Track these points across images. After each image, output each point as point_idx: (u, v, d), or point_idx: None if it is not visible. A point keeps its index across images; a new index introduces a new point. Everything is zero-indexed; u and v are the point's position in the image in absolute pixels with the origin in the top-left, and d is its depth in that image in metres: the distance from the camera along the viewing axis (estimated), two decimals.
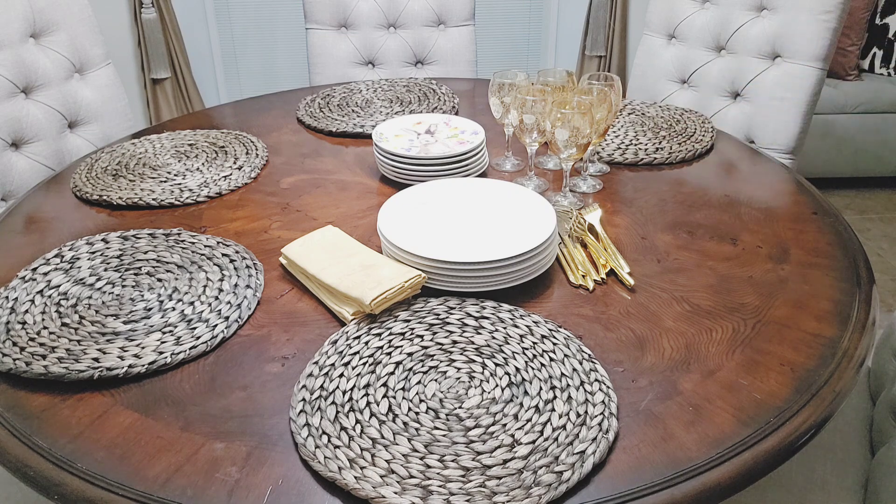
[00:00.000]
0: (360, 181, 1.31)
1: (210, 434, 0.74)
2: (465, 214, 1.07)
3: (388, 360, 0.82)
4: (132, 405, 0.78)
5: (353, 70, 2.10)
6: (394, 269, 0.93)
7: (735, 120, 1.81)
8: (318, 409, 0.75)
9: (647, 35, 1.97)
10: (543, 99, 1.14)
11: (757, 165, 1.35)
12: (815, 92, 1.70)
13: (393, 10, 2.06)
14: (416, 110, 1.60)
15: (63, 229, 1.16)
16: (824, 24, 1.64)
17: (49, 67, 1.59)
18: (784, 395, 0.78)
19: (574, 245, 1.06)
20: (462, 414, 0.75)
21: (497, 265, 0.92)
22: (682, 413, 0.76)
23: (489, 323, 0.88)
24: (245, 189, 1.29)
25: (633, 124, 1.51)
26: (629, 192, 1.24)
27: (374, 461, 0.69)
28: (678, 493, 0.67)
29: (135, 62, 3.01)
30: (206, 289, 0.96)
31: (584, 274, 1.00)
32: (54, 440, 0.74)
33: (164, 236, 1.09)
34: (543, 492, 0.66)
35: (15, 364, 0.82)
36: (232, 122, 1.61)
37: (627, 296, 0.96)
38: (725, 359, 0.84)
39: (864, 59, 2.96)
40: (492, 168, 1.35)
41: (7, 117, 1.50)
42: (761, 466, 0.71)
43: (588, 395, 0.77)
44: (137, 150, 1.42)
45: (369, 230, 1.13)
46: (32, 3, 1.56)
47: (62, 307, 0.93)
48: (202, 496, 0.67)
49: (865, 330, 0.89)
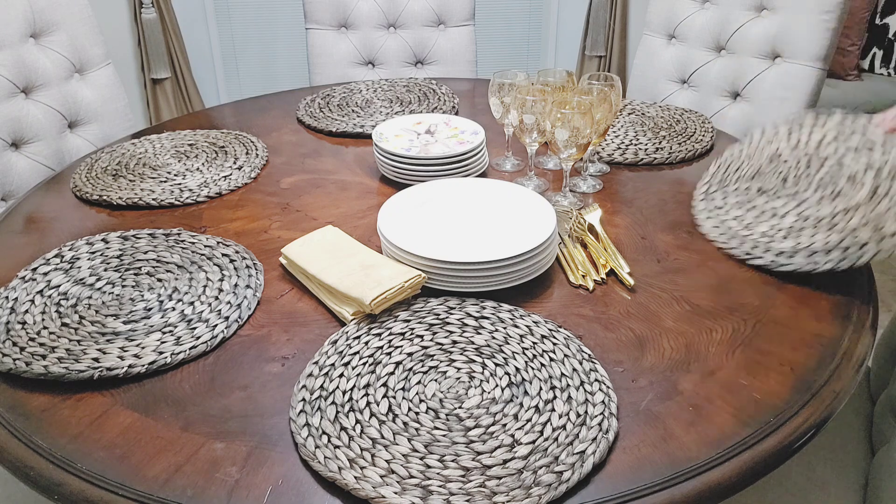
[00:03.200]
0: (360, 181, 1.31)
1: (210, 434, 0.74)
2: (465, 214, 1.07)
3: (388, 360, 0.82)
4: (132, 405, 0.78)
5: (353, 70, 2.10)
6: (394, 269, 0.93)
7: (735, 120, 1.81)
8: (318, 409, 0.75)
9: (647, 35, 1.97)
10: (543, 99, 1.14)
11: None
12: (815, 92, 1.70)
13: (393, 10, 2.06)
14: (416, 110, 1.60)
15: (63, 229, 1.16)
16: (824, 24, 1.64)
17: (49, 67, 1.59)
18: (784, 395, 0.78)
19: (574, 245, 1.07)
20: (462, 414, 0.75)
21: (497, 265, 0.92)
22: (682, 413, 0.76)
23: (489, 323, 0.88)
24: (245, 189, 1.29)
25: (633, 124, 1.51)
26: (629, 192, 1.24)
27: (374, 461, 0.69)
28: (678, 493, 0.67)
29: (135, 62, 3.01)
30: (206, 289, 0.96)
31: (585, 274, 1.00)
32: (54, 440, 0.74)
33: (164, 236, 1.09)
34: (543, 492, 0.66)
35: (15, 364, 0.82)
36: (232, 122, 1.61)
37: (627, 296, 0.96)
38: (725, 359, 0.84)
39: (864, 59, 2.96)
40: (492, 168, 1.35)
41: (7, 117, 1.50)
42: (761, 466, 0.71)
43: (588, 395, 0.77)
44: (137, 150, 1.42)
45: (369, 230, 1.13)
46: (32, 3, 1.56)
47: (62, 307, 0.93)
48: (202, 496, 0.67)
49: (865, 330, 0.89)
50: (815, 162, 1.00)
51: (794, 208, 0.97)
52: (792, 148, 1.04)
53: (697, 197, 1.09)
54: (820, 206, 0.94)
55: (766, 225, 0.98)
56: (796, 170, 1.01)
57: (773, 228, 0.97)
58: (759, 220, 0.99)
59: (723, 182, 1.08)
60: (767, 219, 0.99)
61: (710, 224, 1.04)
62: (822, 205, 0.94)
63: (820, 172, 0.98)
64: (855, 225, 0.88)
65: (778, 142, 1.08)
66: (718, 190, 1.07)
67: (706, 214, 1.06)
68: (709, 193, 1.07)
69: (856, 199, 0.91)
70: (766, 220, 0.98)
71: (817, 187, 0.97)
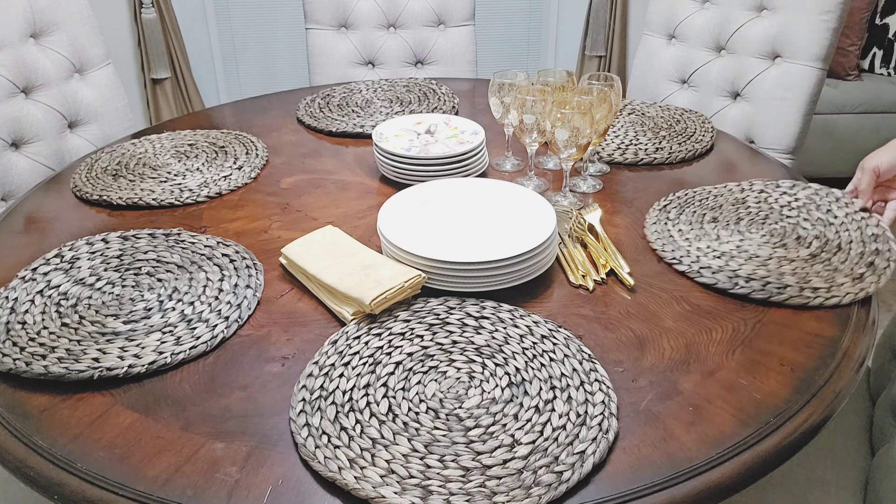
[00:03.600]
0: (360, 181, 1.31)
1: (210, 434, 0.74)
2: (465, 214, 1.07)
3: (388, 360, 0.82)
4: (132, 405, 0.78)
5: (353, 70, 2.10)
6: (394, 269, 0.93)
7: (735, 120, 1.81)
8: (318, 409, 0.75)
9: (647, 35, 1.97)
10: (543, 99, 1.14)
11: (757, 165, 1.35)
12: (815, 92, 1.70)
13: (393, 10, 2.06)
14: (416, 110, 1.60)
15: (63, 229, 1.16)
16: (824, 24, 1.65)
17: (49, 67, 1.59)
18: (784, 395, 0.78)
19: (574, 245, 1.07)
20: (462, 414, 0.75)
21: (497, 265, 0.92)
22: (682, 413, 0.76)
23: (489, 323, 0.88)
24: (245, 189, 1.29)
25: (633, 124, 1.51)
26: (629, 192, 1.24)
27: (374, 461, 0.69)
28: (678, 493, 0.67)
29: (135, 62, 3.01)
30: (206, 289, 0.96)
31: (584, 274, 1.00)
32: (54, 440, 0.74)
33: (164, 236, 1.09)
34: (543, 492, 0.66)
35: (15, 364, 0.82)
36: (232, 122, 1.61)
37: (627, 296, 0.96)
38: (725, 359, 0.84)
39: (864, 59, 2.96)
40: (492, 168, 1.35)
41: (7, 117, 1.50)
42: (761, 466, 0.71)
43: (588, 395, 0.77)
44: (137, 150, 1.42)
45: (369, 230, 1.13)
46: (32, 3, 1.56)
47: (62, 307, 0.93)
48: (202, 496, 0.67)
49: (865, 330, 0.89)
50: (773, 216, 1.09)
51: (736, 240, 1.04)
52: (758, 201, 1.14)
53: (656, 206, 1.15)
54: (761, 247, 1.02)
55: (704, 243, 1.04)
56: (754, 217, 1.10)
57: (710, 248, 1.03)
58: (699, 238, 1.06)
59: (683, 205, 1.15)
60: (709, 241, 1.05)
61: (654, 228, 1.10)
62: (763, 247, 1.02)
63: (774, 225, 1.07)
64: (785, 272, 0.96)
65: (748, 193, 1.17)
66: (676, 207, 1.14)
67: (654, 219, 1.12)
68: (666, 208, 1.15)
69: (797, 254, 1.00)
70: (707, 241, 1.05)
71: (766, 234, 1.05)
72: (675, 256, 1.02)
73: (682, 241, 1.05)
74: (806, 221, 1.08)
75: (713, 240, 1.05)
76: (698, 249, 1.03)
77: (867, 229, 1.05)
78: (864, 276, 0.95)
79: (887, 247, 1.01)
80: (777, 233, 1.06)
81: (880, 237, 1.03)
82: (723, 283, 0.95)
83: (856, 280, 0.95)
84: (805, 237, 1.04)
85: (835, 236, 1.04)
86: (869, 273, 0.96)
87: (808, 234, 1.05)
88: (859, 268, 0.97)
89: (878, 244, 1.02)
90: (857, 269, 0.97)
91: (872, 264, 0.98)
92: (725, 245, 1.03)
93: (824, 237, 1.04)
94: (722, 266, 0.98)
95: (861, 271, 0.96)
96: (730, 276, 0.96)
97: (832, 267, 0.97)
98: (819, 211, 1.10)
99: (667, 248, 1.04)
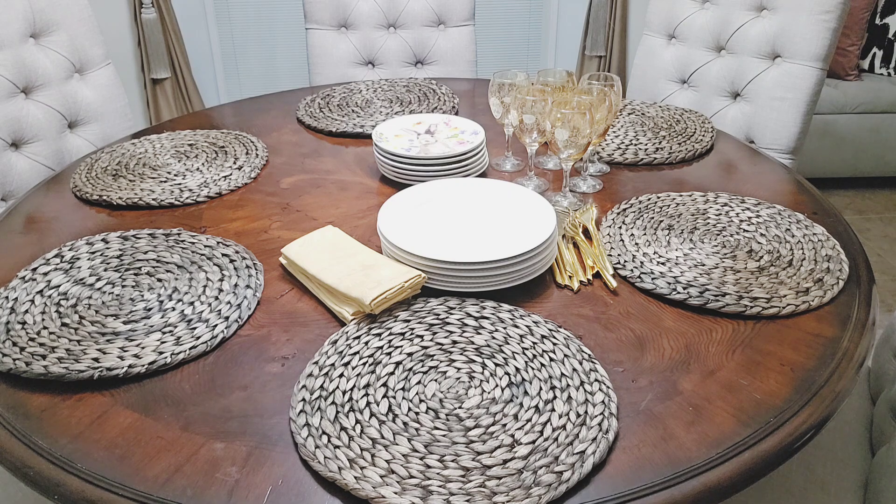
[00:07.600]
0: (360, 181, 1.31)
1: (210, 434, 0.74)
2: (465, 214, 1.07)
3: (387, 361, 0.82)
4: (132, 405, 0.78)
5: (353, 70, 2.10)
6: (394, 270, 0.93)
7: (735, 120, 1.81)
8: (318, 409, 0.75)
9: (647, 35, 1.97)
10: (543, 99, 1.14)
11: (757, 165, 1.35)
12: (815, 92, 1.70)
13: (393, 10, 2.06)
14: (416, 110, 1.60)
15: (63, 229, 1.16)
16: (824, 24, 1.65)
17: (49, 67, 1.59)
18: (784, 395, 0.78)
19: (566, 245, 1.07)
20: (462, 414, 0.75)
21: (497, 265, 0.92)
22: (682, 413, 0.76)
23: (489, 323, 0.88)
24: (245, 189, 1.29)
25: (633, 124, 1.51)
26: (629, 192, 1.24)
27: (374, 461, 0.69)
28: (678, 494, 0.67)
29: (135, 62, 3.01)
30: (206, 289, 0.96)
31: (571, 275, 0.99)
32: (54, 440, 0.74)
33: (164, 236, 1.09)
34: (543, 492, 0.66)
35: (15, 364, 0.82)
36: (232, 122, 1.61)
37: (627, 296, 0.96)
38: (725, 359, 0.84)
39: (864, 59, 2.96)
40: (492, 168, 1.35)
41: (7, 117, 1.50)
42: (761, 466, 0.71)
43: (588, 395, 0.77)
44: (137, 150, 1.42)
45: (369, 230, 1.13)
46: (32, 3, 1.57)
47: (62, 307, 0.93)
48: (202, 496, 0.67)
49: (865, 330, 0.89)
50: (730, 229, 1.09)
51: (686, 248, 1.04)
52: (719, 213, 1.14)
53: (614, 210, 1.16)
54: (709, 257, 1.02)
55: (651, 249, 1.04)
56: (710, 228, 1.09)
57: (656, 254, 1.03)
58: (648, 244, 1.06)
59: (642, 210, 1.15)
60: (657, 247, 1.05)
61: (607, 231, 1.10)
62: (711, 257, 1.02)
63: (729, 237, 1.06)
64: (727, 281, 0.96)
65: (711, 205, 1.17)
66: (635, 212, 1.14)
67: (609, 223, 1.12)
68: (625, 212, 1.15)
69: (745, 266, 1.00)
70: (656, 247, 1.05)
71: (718, 245, 1.05)
72: (619, 261, 1.02)
73: (630, 245, 1.05)
74: (762, 237, 1.07)
75: (662, 246, 1.05)
76: (644, 255, 1.02)
77: (822, 250, 1.03)
78: (809, 291, 0.94)
79: (839, 266, 0.99)
80: (730, 244, 1.05)
81: (834, 258, 1.01)
82: (661, 288, 0.95)
83: (800, 293, 0.94)
84: (757, 251, 1.03)
85: (788, 253, 1.03)
86: (815, 288, 0.95)
87: (762, 248, 1.04)
88: (806, 283, 0.96)
89: (831, 263, 1.00)
90: (804, 283, 0.96)
91: (821, 280, 0.96)
92: (674, 252, 1.03)
93: (777, 253, 1.03)
94: (664, 272, 0.98)
95: (807, 286, 0.95)
96: (669, 282, 0.96)
97: (778, 280, 0.96)
98: (778, 229, 1.09)
99: (613, 253, 1.04)
